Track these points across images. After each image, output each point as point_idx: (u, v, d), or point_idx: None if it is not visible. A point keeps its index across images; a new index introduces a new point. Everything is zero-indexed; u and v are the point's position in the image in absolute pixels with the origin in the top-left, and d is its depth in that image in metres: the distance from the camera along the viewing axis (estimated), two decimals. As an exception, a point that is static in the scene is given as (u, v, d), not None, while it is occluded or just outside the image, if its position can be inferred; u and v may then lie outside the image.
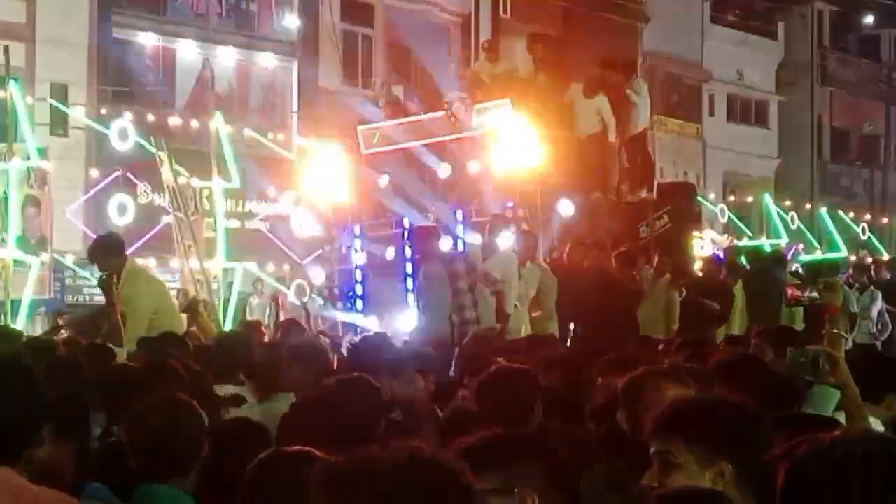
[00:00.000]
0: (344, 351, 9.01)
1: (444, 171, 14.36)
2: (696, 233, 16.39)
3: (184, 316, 10.31)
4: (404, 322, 13.14)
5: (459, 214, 14.06)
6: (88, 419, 4.90)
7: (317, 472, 2.44)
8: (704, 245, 19.10)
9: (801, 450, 2.34)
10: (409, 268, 13.36)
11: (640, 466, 3.48)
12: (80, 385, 5.82)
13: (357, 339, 10.39)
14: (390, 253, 14.26)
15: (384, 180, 14.97)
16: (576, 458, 3.46)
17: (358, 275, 14.49)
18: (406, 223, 13.87)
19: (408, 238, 13.62)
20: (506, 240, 12.84)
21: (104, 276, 9.96)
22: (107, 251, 10.29)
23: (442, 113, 14.26)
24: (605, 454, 4.27)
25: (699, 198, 20.77)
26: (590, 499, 3.36)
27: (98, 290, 11.79)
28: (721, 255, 17.12)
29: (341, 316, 14.43)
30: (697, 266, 15.21)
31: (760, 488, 3.05)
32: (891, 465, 2.22)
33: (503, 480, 2.93)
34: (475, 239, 13.48)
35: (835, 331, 6.12)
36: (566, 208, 13.88)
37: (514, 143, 13.53)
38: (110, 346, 8.35)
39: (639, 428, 4.05)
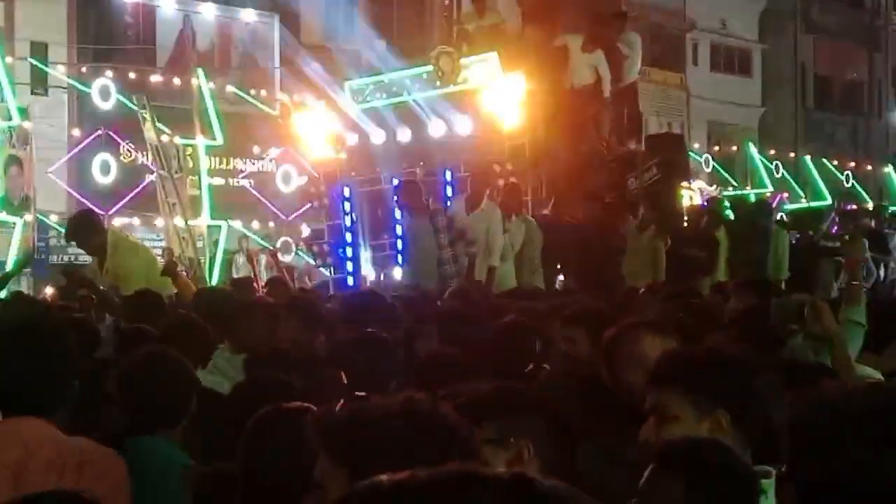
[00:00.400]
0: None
1: (435, 128, 14.30)
2: (685, 183, 16.41)
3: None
4: (394, 276, 13.23)
5: (448, 174, 14.10)
6: None
7: (315, 421, 2.47)
8: (694, 195, 19.15)
9: (805, 402, 2.36)
10: (399, 229, 13.39)
11: (627, 422, 3.52)
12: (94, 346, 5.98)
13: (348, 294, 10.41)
14: (379, 210, 14.34)
15: (377, 137, 14.90)
16: (573, 414, 3.47)
17: (348, 236, 14.54)
18: (394, 182, 13.87)
19: (395, 193, 13.61)
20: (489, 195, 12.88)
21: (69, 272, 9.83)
22: (85, 232, 10.07)
23: (429, 67, 14.15)
24: (588, 411, 4.24)
25: (691, 152, 20.88)
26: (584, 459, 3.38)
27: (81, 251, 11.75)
28: (706, 204, 17.26)
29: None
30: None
31: (757, 438, 3.09)
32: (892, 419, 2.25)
33: (498, 432, 2.97)
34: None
35: (854, 283, 6.12)
36: (554, 161, 13.86)
37: (502, 97, 13.47)
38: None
39: (620, 382, 4.07)
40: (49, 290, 13.07)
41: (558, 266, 13.31)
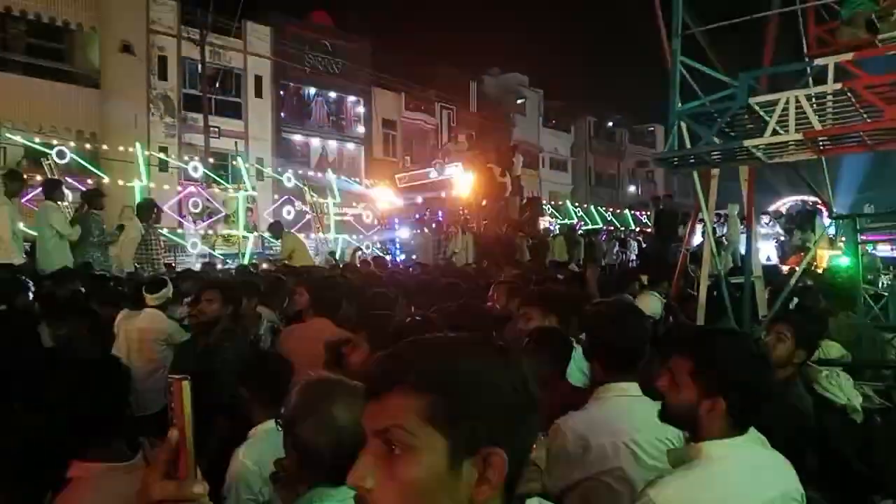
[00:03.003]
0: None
1: (434, 194, 14.43)
2: (542, 219, 16.42)
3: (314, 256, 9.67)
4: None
5: (440, 214, 14.23)
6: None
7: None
8: (544, 223, 19.29)
9: (591, 310, 2.40)
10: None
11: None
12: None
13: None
14: (410, 230, 14.39)
15: (408, 199, 14.97)
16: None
17: (397, 241, 14.62)
18: (416, 216, 13.94)
19: (416, 221, 13.68)
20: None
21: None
22: (271, 228, 10.21)
23: (432, 169, 14.28)
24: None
25: (543, 204, 21.01)
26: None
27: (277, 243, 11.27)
28: (554, 225, 17.57)
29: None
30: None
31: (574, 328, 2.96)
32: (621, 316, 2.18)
33: None
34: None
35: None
36: (488, 208, 13.85)
37: (462, 183, 13.57)
38: None
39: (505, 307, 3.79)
40: (264, 265, 13.04)
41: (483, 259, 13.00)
